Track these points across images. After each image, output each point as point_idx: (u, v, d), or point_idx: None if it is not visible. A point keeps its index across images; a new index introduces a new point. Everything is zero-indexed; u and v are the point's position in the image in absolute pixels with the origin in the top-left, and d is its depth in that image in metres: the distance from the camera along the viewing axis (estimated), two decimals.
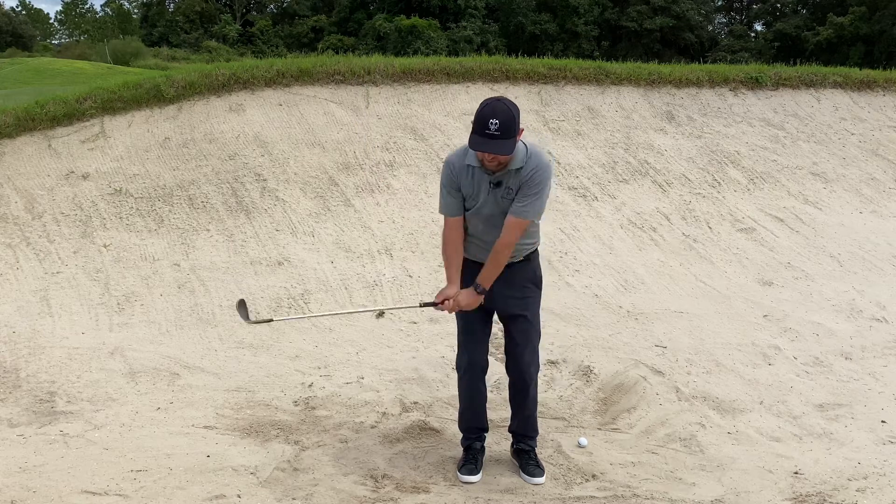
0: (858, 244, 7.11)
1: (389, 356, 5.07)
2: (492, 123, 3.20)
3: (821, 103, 9.50)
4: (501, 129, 3.20)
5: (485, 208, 3.44)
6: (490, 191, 3.41)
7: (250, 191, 6.93)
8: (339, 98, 8.20)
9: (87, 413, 4.26)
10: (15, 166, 6.92)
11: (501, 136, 3.21)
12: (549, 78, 8.93)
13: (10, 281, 5.77)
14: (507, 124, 3.21)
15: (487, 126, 3.21)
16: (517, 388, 3.69)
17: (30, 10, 73.37)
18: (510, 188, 3.39)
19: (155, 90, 7.80)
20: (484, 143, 3.24)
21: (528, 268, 3.61)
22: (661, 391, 4.53)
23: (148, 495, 3.39)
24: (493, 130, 3.20)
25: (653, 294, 6.10)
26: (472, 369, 3.66)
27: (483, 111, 3.24)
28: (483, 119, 3.22)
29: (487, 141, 3.22)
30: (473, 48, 41.90)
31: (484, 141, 3.23)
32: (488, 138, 3.22)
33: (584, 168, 7.87)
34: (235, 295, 5.76)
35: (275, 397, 4.50)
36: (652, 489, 3.54)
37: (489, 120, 3.20)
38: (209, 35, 52.18)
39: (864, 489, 3.54)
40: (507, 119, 3.21)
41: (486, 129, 3.21)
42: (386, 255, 6.39)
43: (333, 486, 3.51)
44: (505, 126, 3.20)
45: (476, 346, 3.65)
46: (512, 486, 3.58)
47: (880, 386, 4.69)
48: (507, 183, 3.39)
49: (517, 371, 3.65)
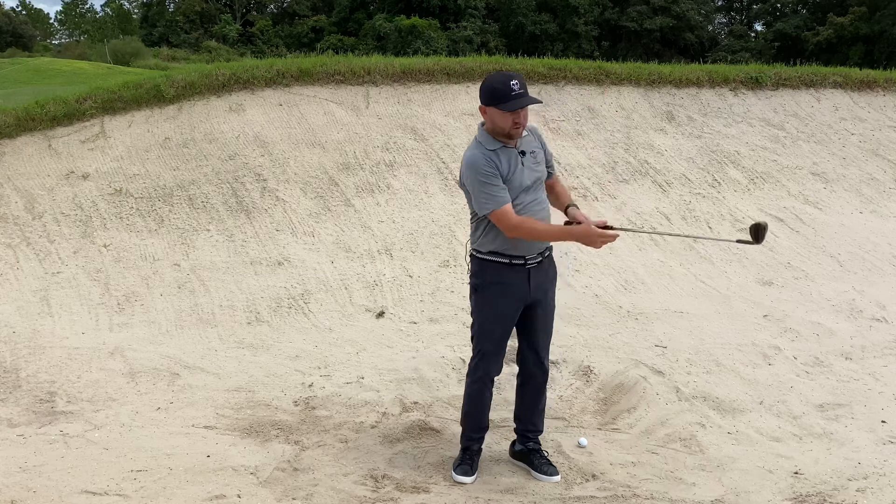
0: (858, 244, 7.11)
1: (389, 356, 5.07)
2: (514, 84, 3.33)
3: (821, 103, 9.50)
4: (522, 86, 3.35)
5: (526, 179, 3.47)
6: (522, 160, 3.48)
7: (250, 191, 6.93)
8: (339, 98, 8.20)
9: (87, 413, 4.26)
10: (15, 166, 6.92)
11: (526, 92, 3.36)
12: (549, 78, 8.92)
13: (10, 281, 5.77)
14: (523, 81, 3.39)
15: (511, 88, 3.32)
16: (535, 380, 3.71)
17: (30, 10, 73.40)
18: (534, 152, 3.53)
19: (155, 90, 7.80)
20: (518, 101, 3.33)
21: (553, 260, 3.70)
22: (661, 391, 4.53)
23: (148, 495, 3.39)
24: (518, 90, 3.33)
25: (653, 294, 6.10)
26: (488, 377, 3.65)
27: (497, 79, 3.37)
28: (504, 84, 3.33)
29: (520, 98, 3.33)
30: (473, 48, 41.90)
31: (517, 100, 3.33)
32: (519, 97, 3.33)
33: (584, 168, 7.87)
34: (235, 295, 5.76)
35: (275, 397, 4.50)
36: (652, 489, 3.54)
37: (510, 81, 3.33)
38: (209, 35, 52.17)
39: (864, 489, 3.53)
40: (520, 77, 3.39)
41: (511, 91, 3.32)
42: (386, 255, 6.39)
43: (333, 486, 3.51)
44: (522, 82, 3.38)
45: (499, 356, 3.64)
46: (512, 486, 3.58)
47: (880, 386, 4.69)
48: (529, 148, 3.52)
49: (538, 361, 3.66)
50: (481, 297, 3.55)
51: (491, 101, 3.34)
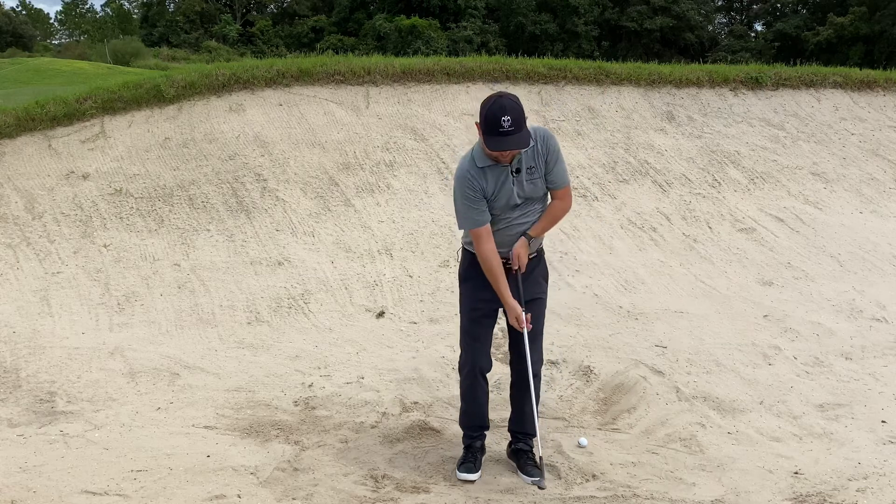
0: (858, 244, 7.11)
1: (389, 356, 5.07)
2: (504, 121, 3.21)
3: (821, 103, 9.50)
4: (514, 124, 3.23)
5: (515, 198, 3.45)
6: (514, 179, 3.43)
7: (250, 191, 6.93)
8: (339, 98, 8.20)
9: (87, 413, 4.26)
10: (15, 166, 6.92)
11: (516, 131, 3.24)
12: (549, 78, 8.92)
13: (10, 281, 5.77)
14: (518, 118, 3.24)
15: (500, 124, 3.22)
16: (521, 383, 3.69)
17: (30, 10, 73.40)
18: (532, 167, 3.44)
19: (155, 90, 7.80)
20: (502, 141, 3.25)
21: (539, 264, 3.66)
22: (661, 391, 4.53)
23: (148, 495, 3.39)
24: (507, 128, 3.22)
25: (653, 294, 6.10)
26: (475, 370, 3.65)
27: (491, 110, 3.24)
28: (494, 119, 3.23)
29: (505, 139, 3.25)
30: (473, 48, 41.88)
31: (501, 140, 3.25)
32: (504, 136, 3.24)
33: (585, 168, 7.87)
34: (235, 295, 5.77)
35: (275, 397, 4.50)
36: (652, 489, 3.54)
37: (501, 118, 3.22)
38: (209, 35, 52.16)
39: (864, 489, 3.53)
40: (516, 113, 3.24)
41: (499, 127, 3.22)
42: (386, 255, 6.39)
43: (333, 486, 3.51)
44: (516, 120, 3.24)
45: (480, 346, 3.64)
46: (512, 486, 3.58)
47: (880, 386, 4.69)
48: (526, 164, 3.43)
49: (523, 365, 3.64)
50: (464, 289, 3.64)
51: (482, 127, 3.30)
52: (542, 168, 3.45)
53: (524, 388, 3.67)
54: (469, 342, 3.65)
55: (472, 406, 3.72)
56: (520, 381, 3.70)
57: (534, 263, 3.62)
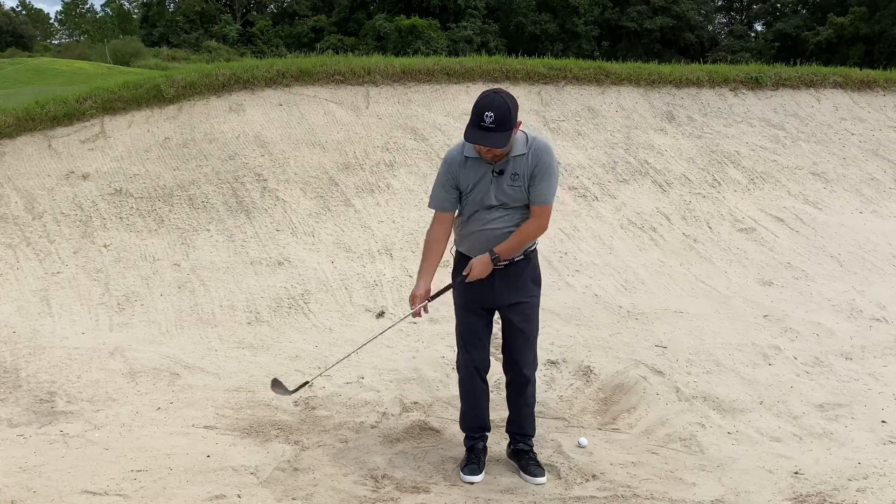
0: (858, 244, 7.11)
1: (389, 356, 5.07)
2: (487, 116, 3.21)
3: (821, 103, 9.50)
4: (496, 122, 3.21)
5: (488, 198, 3.43)
6: (493, 180, 3.41)
7: (250, 191, 6.93)
8: (339, 98, 8.20)
9: (87, 413, 4.26)
10: (15, 166, 6.93)
11: (496, 129, 3.22)
12: (549, 78, 8.93)
13: (10, 281, 5.77)
14: (503, 117, 3.22)
15: (482, 118, 3.22)
16: (515, 385, 3.69)
17: (30, 10, 73.44)
18: (517, 174, 3.40)
19: (155, 90, 7.80)
20: (478, 135, 3.25)
21: (528, 266, 3.61)
22: (661, 391, 4.53)
23: (148, 495, 3.39)
24: (487, 123, 3.21)
25: (653, 294, 6.10)
26: (473, 370, 3.65)
27: (479, 103, 3.26)
28: (479, 111, 3.24)
29: (482, 133, 3.24)
30: (473, 48, 41.88)
31: (479, 133, 3.25)
32: (483, 130, 3.23)
33: (585, 168, 7.87)
34: (235, 295, 5.77)
35: (275, 397, 4.50)
36: (652, 489, 3.54)
37: (484, 112, 3.22)
38: (209, 35, 52.17)
39: (864, 489, 3.53)
40: (502, 112, 3.22)
41: (481, 121, 3.23)
42: (386, 255, 6.39)
43: (333, 486, 3.51)
44: (500, 119, 3.21)
45: (477, 346, 3.65)
46: (512, 486, 3.58)
47: (880, 386, 4.69)
48: (511, 170, 3.40)
49: (515, 368, 3.65)
50: (455, 290, 3.68)
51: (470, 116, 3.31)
52: (527, 180, 3.40)
53: (520, 391, 3.68)
54: (463, 342, 3.67)
55: (471, 408, 3.72)
56: (514, 384, 3.70)
57: (522, 265, 3.57)
